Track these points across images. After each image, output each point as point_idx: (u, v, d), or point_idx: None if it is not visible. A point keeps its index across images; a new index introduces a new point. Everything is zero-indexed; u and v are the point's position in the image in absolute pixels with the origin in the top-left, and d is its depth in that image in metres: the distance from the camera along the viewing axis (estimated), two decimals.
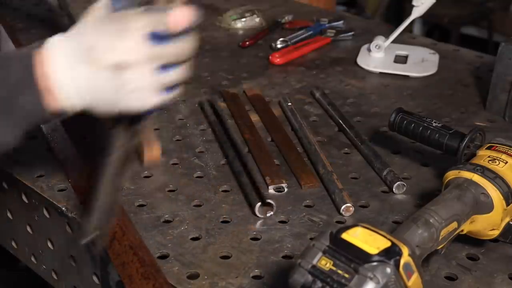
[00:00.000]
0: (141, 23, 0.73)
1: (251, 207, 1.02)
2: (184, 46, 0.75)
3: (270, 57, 1.57)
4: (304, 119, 1.29)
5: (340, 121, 1.27)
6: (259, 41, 1.69)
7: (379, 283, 0.67)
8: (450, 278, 0.90)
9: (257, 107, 1.34)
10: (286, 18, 1.80)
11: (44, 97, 0.75)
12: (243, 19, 1.81)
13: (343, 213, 1.02)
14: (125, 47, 0.73)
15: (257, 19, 1.82)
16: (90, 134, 1.20)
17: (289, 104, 1.31)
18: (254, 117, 1.30)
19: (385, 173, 1.10)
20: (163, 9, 0.73)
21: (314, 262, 0.71)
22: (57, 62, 0.74)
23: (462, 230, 0.88)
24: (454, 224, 0.84)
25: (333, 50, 1.66)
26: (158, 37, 0.73)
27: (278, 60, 1.56)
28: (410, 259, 0.71)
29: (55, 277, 1.18)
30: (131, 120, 0.81)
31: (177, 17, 0.73)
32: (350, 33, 1.72)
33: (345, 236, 0.72)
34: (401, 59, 1.57)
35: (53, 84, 0.75)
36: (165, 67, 0.75)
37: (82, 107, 0.77)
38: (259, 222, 1.00)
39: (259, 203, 1.00)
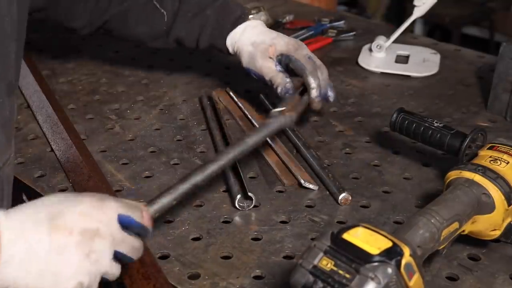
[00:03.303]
0: (118, 204, 0.75)
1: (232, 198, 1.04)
2: (140, 245, 0.78)
3: None
4: (305, 120, 1.29)
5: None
6: None
7: (380, 283, 0.67)
8: (452, 278, 0.90)
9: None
10: (287, 18, 1.80)
11: None
12: (250, 16, 1.80)
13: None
14: (100, 218, 0.73)
15: (264, 16, 1.81)
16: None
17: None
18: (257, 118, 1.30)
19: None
20: (134, 202, 0.79)
21: (315, 262, 0.71)
22: (6, 232, 0.68)
23: (463, 231, 0.87)
24: (456, 225, 0.83)
25: (334, 50, 1.66)
26: (127, 223, 0.75)
27: None
28: (411, 259, 0.71)
29: None
30: None
31: (145, 217, 0.78)
32: (351, 33, 1.72)
33: (346, 236, 0.72)
34: (403, 59, 1.57)
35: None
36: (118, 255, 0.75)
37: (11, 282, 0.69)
38: (258, 222, 1.00)
39: (239, 195, 1.02)
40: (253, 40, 1.23)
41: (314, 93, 1.16)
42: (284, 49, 1.21)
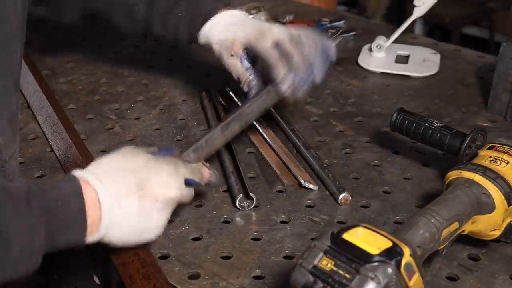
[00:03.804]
0: (186, 170, 0.90)
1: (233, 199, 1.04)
2: (192, 193, 0.92)
3: None
4: (305, 119, 1.29)
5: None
6: None
7: (380, 283, 0.67)
8: (452, 278, 0.90)
9: None
10: (287, 18, 1.80)
11: (87, 233, 0.80)
12: (250, 16, 1.80)
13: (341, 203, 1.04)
14: (176, 185, 0.87)
15: (263, 17, 1.81)
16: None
17: None
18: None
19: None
20: (196, 164, 0.95)
21: (315, 262, 0.71)
22: (102, 196, 0.80)
23: (463, 231, 0.87)
24: (456, 225, 0.83)
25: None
26: (189, 183, 0.90)
27: None
28: (411, 259, 0.71)
29: (55, 277, 1.18)
30: None
31: (206, 174, 0.95)
32: (351, 33, 1.72)
33: (346, 236, 0.72)
34: (402, 59, 1.57)
35: (100, 219, 0.80)
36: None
37: (108, 239, 0.83)
38: (258, 222, 1.00)
39: (241, 195, 1.02)
40: (217, 39, 1.19)
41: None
42: (244, 41, 1.14)
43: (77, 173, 0.83)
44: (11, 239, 0.72)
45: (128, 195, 0.82)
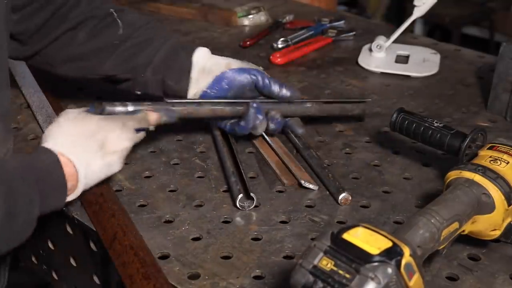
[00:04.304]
0: (133, 122, 1.01)
1: (233, 198, 1.04)
2: (144, 134, 1.06)
3: (271, 57, 1.57)
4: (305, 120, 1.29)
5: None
6: (260, 41, 1.69)
7: (380, 283, 0.67)
8: (452, 279, 0.90)
9: None
10: (287, 18, 1.80)
11: (66, 196, 0.93)
12: (250, 16, 1.81)
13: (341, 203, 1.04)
14: (128, 137, 1.00)
15: (263, 17, 1.82)
16: None
17: None
18: None
19: None
20: (143, 114, 1.05)
21: (315, 262, 0.71)
22: (78, 164, 0.93)
23: (463, 231, 0.87)
24: (456, 225, 0.83)
25: (334, 50, 1.66)
26: (138, 130, 1.03)
27: (279, 60, 1.56)
28: (411, 259, 0.71)
29: (55, 277, 1.18)
30: None
31: (152, 119, 1.05)
32: (351, 33, 1.72)
33: (346, 236, 0.72)
34: (402, 59, 1.57)
35: (77, 183, 0.93)
36: None
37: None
38: (258, 222, 1.00)
39: (241, 195, 1.02)
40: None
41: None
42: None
43: (48, 145, 0.93)
44: (16, 212, 0.83)
45: (94, 156, 0.96)
